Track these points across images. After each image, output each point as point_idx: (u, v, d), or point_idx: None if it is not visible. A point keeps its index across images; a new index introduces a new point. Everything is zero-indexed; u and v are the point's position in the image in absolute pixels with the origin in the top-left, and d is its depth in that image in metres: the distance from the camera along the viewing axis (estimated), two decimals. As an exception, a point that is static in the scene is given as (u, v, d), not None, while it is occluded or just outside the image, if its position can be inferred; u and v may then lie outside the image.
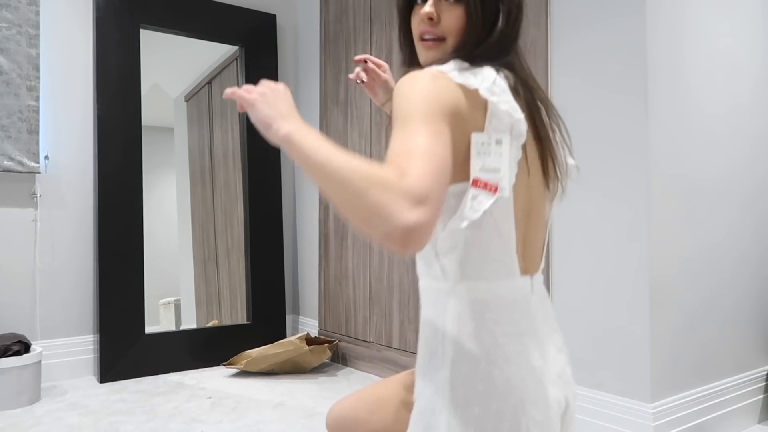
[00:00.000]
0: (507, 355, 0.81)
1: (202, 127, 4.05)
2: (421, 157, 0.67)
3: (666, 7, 2.12)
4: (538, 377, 0.82)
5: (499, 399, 0.79)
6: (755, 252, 2.53)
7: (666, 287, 2.10)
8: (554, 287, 2.32)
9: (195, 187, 4.04)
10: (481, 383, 0.80)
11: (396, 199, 0.63)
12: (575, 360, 2.24)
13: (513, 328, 0.83)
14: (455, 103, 0.78)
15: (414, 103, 0.74)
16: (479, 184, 0.78)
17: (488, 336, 0.81)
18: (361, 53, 3.33)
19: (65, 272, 3.10)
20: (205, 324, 3.93)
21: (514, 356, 0.81)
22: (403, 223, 0.62)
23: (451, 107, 0.76)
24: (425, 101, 0.74)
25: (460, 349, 0.81)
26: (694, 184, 2.24)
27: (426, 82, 0.77)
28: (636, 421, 2.04)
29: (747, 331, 2.48)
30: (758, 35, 2.54)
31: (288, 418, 2.52)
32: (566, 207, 2.28)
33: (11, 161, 2.88)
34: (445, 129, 0.73)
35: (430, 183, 0.65)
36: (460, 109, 0.78)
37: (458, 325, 0.83)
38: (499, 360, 0.81)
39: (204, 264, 4.02)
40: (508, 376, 0.80)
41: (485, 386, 0.80)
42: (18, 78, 2.91)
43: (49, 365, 2.99)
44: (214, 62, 3.82)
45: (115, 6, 3.22)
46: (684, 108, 2.19)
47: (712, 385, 2.28)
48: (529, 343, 0.84)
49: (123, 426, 2.41)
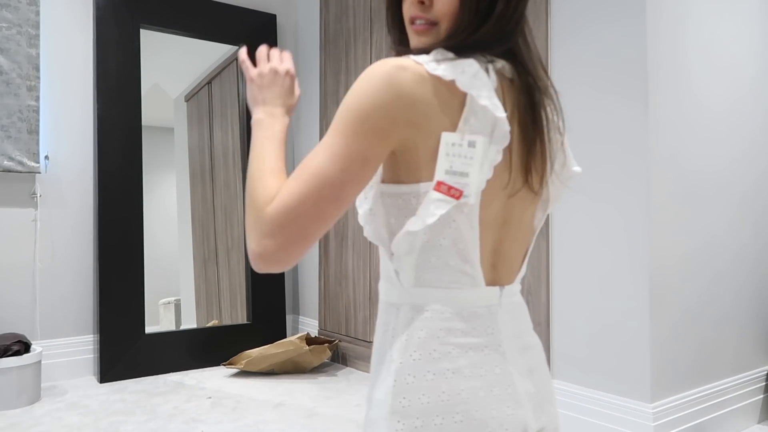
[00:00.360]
0: (458, 368, 0.76)
1: (202, 127, 4.05)
2: (300, 182, 0.70)
3: (666, 6, 2.12)
4: (495, 394, 0.77)
5: (444, 413, 0.75)
6: (754, 251, 2.53)
7: (665, 287, 2.10)
8: (554, 287, 2.32)
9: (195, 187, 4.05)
10: (426, 395, 0.76)
11: (253, 226, 0.71)
12: (575, 360, 2.24)
13: (469, 340, 0.78)
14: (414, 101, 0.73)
15: (349, 108, 0.73)
16: (442, 188, 0.73)
17: (439, 346, 0.77)
18: (361, 53, 3.33)
19: (65, 272, 3.10)
20: (205, 324, 3.93)
21: (466, 370, 0.77)
22: (252, 249, 0.71)
23: (402, 110, 0.72)
24: (361, 109, 0.72)
25: (407, 358, 0.77)
26: (694, 184, 2.24)
27: (377, 84, 0.73)
28: (636, 421, 2.04)
29: (747, 331, 2.48)
30: (756, 32, 2.54)
31: (288, 418, 2.52)
32: (566, 207, 2.28)
33: (11, 161, 2.88)
34: (367, 144, 0.71)
35: (284, 216, 0.70)
36: (423, 107, 0.73)
37: (408, 333, 0.78)
38: (448, 373, 0.76)
39: (204, 264, 4.02)
40: (456, 390, 0.75)
41: (430, 399, 0.76)
42: (18, 78, 2.91)
43: (49, 365, 2.99)
44: (214, 62, 3.82)
45: (115, 6, 3.22)
46: (684, 106, 2.19)
47: (711, 385, 2.28)
48: (488, 357, 0.78)
49: (123, 426, 2.41)
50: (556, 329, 2.31)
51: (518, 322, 0.84)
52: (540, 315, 2.36)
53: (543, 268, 2.35)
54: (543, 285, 2.34)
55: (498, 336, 0.79)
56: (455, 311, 0.78)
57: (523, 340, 0.83)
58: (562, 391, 2.27)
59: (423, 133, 0.74)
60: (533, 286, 2.38)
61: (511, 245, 0.83)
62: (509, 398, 0.77)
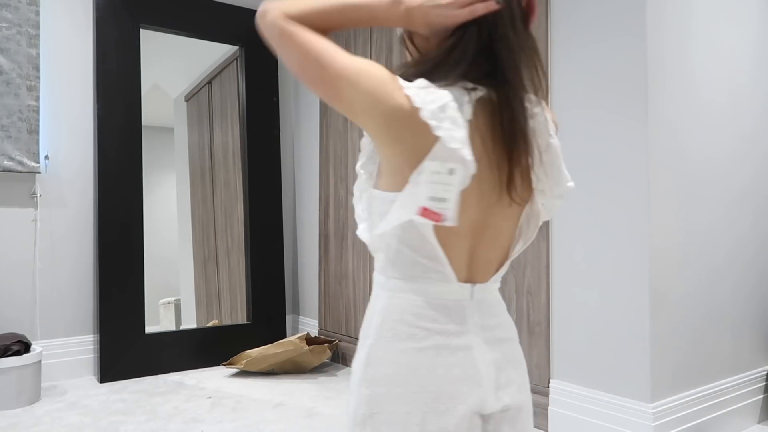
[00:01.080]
0: (422, 348, 0.87)
1: (202, 127, 4.06)
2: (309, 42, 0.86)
3: (667, 5, 2.12)
4: (454, 373, 0.86)
5: (403, 384, 0.86)
6: (754, 250, 2.53)
7: (665, 287, 2.10)
8: (554, 287, 2.32)
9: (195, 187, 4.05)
10: (390, 368, 0.87)
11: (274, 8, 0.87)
12: (575, 359, 2.24)
13: (437, 326, 0.88)
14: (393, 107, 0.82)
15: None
16: (426, 213, 0.82)
17: (408, 328, 0.88)
18: (361, 53, 3.33)
19: (65, 272, 3.10)
20: (205, 324, 3.93)
21: (430, 350, 0.87)
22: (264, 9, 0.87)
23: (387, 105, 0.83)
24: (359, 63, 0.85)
25: (380, 336, 0.89)
26: (694, 184, 2.24)
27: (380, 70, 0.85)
28: (636, 421, 2.04)
29: (747, 331, 2.48)
30: (753, 29, 2.54)
31: (288, 418, 2.52)
32: (566, 207, 2.28)
33: (11, 161, 2.88)
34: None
35: (283, 34, 0.86)
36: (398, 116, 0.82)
37: (384, 315, 0.90)
38: (413, 351, 0.87)
39: (204, 264, 4.02)
40: (417, 365, 0.86)
41: (393, 371, 0.87)
42: (18, 78, 2.91)
43: (49, 365, 2.99)
44: (214, 62, 3.82)
45: (115, 6, 3.22)
46: (683, 105, 2.19)
47: (711, 385, 2.28)
48: (453, 342, 0.88)
49: (123, 426, 2.41)
50: (556, 329, 2.31)
51: (490, 316, 0.92)
52: (540, 315, 2.36)
53: (543, 268, 2.35)
54: (543, 285, 2.35)
55: (466, 326, 0.89)
56: (425, 301, 0.88)
57: (494, 334, 0.92)
58: (562, 391, 2.27)
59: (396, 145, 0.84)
60: (533, 286, 2.38)
61: (488, 250, 0.92)
62: (468, 378, 0.87)
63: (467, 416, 0.86)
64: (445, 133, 0.81)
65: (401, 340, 0.88)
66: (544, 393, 2.34)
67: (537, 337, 2.37)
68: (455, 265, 0.89)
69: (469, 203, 0.87)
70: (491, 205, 0.89)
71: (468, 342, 0.88)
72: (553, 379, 2.32)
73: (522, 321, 2.42)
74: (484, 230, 0.90)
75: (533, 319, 2.38)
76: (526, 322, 2.41)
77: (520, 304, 2.43)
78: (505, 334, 0.94)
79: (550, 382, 2.33)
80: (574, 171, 2.24)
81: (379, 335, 0.90)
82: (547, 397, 2.33)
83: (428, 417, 0.86)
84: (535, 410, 2.36)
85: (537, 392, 2.36)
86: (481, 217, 0.89)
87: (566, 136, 2.27)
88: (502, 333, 0.94)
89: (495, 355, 0.91)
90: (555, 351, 2.32)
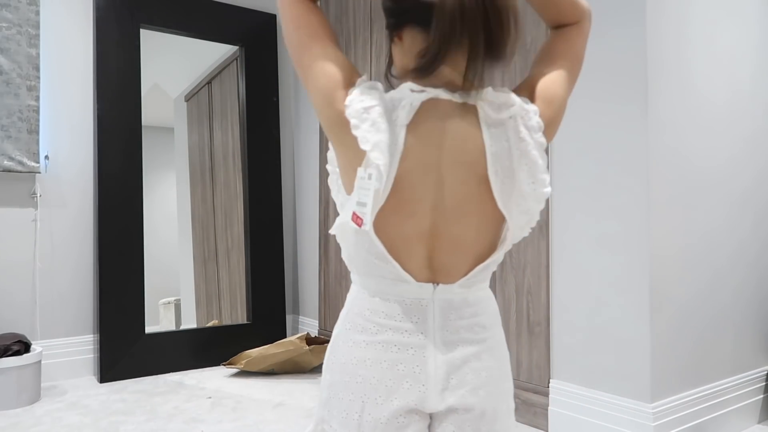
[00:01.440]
0: (372, 341, 0.90)
1: (202, 127, 4.06)
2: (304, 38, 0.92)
3: (667, 4, 2.12)
4: (398, 369, 0.89)
5: (350, 374, 0.91)
6: (755, 251, 2.53)
7: (665, 287, 2.10)
8: (554, 287, 2.32)
9: (195, 187, 4.05)
10: (343, 357, 0.93)
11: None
12: (575, 359, 2.24)
13: (390, 322, 0.90)
14: (335, 110, 0.86)
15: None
16: (354, 218, 0.85)
17: (363, 322, 0.91)
18: (361, 53, 3.33)
19: (65, 272, 3.10)
20: (205, 324, 3.93)
21: (379, 345, 0.90)
22: None
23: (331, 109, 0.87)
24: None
25: (342, 327, 0.95)
26: (694, 184, 2.24)
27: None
28: (636, 421, 2.04)
29: (746, 331, 2.48)
30: (754, 26, 2.54)
31: (288, 418, 2.52)
32: (565, 207, 2.28)
33: (11, 161, 2.88)
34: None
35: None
36: (338, 120, 0.86)
37: (348, 308, 0.95)
38: (363, 343, 0.91)
39: (204, 264, 4.02)
40: (363, 357, 0.90)
41: (344, 360, 0.92)
42: (18, 78, 2.91)
43: (49, 365, 2.99)
44: (214, 62, 3.82)
45: (115, 6, 3.22)
46: (683, 104, 2.19)
47: (711, 385, 2.28)
48: (405, 339, 0.89)
49: (123, 426, 2.41)
50: (556, 329, 2.31)
51: (457, 317, 0.91)
52: (540, 315, 2.36)
53: (543, 268, 2.35)
54: (543, 285, 2.35)
55: (423, 325, 0.90)
56: (382, 298, 0.91)
57: (459, 335, 0.91)
58: (562, 391, 2.28)
59: (343, 146, 0.88)
60: (533, 286, 2.38)
61: (448, 256, 0.90)
62: (411, 376, 0.88)
63: (403, 411, 0.88)
64: (361, 134, 0.83)
65: (357, 333, 0.92)
66: (544, 393, 2.34)
67: (537, 337, 2.37)
68: (411, 266, 0.89)
69: (405, 214, 0.87)
70: (442, 212, 0.88)
71: (420, 341, 0.89)
72: (553, 379, 2.32)
73: (522, 321, 2.42)
74: (438, 237, 0.89)
75: (533, 319, 2.38)
76: (526, 322, 2.41)
77: (520, 304, 2.43)
78: (474, 336, 0.92)
79: (550, 382, 2.33)
80: (574, 170, 2.25)
81: (342, 326, 0.95)
82: (547, 397, 2.33)
83: (366, 406, 0.89)
84: (535, 410, 2.36)
85: (537, 392, 2.36)
86: (430, 224, 0.88)
87: (566, 135, 2.27)
88: (471, 335, 0.92)
89: (452, 355, 0.90)
90: (555, 351, 2.32)
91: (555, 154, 2.32)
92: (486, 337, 0.93)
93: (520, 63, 2.43)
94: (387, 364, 0.89)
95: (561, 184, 2.29)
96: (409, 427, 0.89)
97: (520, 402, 2.41)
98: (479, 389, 0.91)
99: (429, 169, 0.86)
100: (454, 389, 0.90)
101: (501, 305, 2.49)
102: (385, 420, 0.88)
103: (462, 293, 0.92)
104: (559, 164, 2.30)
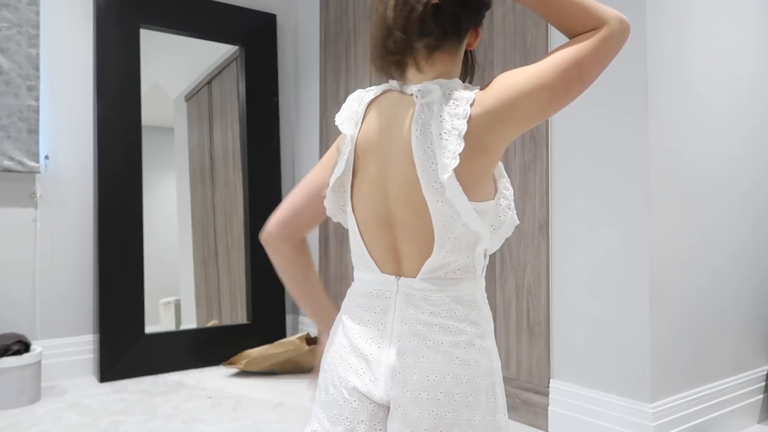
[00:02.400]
0: (345, 331, 0.98)
1: (202, 127, 4.05)
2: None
3: (666, 3, 2.12)
4: (347, 359, 0.95)
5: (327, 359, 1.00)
6: (755, 251, 2.53)
7: (665, 287, 2.10)
8: (554, 287, 2.32)
9: (195, 187, 4.04)
10: (328, 344, 1.02)
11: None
12: (575, 359, 2.24)
13: (361, 312, 0.96)
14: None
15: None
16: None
17: (347, 311, 0.99)
18: (361, 53, 3.33)
19: (65, 272, 3.10)
20: (205, 324, 3.93)
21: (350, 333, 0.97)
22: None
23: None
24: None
25: (340, 312, 1.03)
26: (694, 185, 2.24)
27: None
28: (636, 421, 2.04)
29: (747, 331, 2.48)
30: (754, 25, 2.54)
31: (288, 418, 2.52)
32: (565, 207, 2.28)
33: (11, 161, 2.88)
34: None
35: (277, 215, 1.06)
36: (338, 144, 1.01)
37: (347, 294, 1.03)
38: (340, 333, 0.99)
39: (204, 264, 4.02)
40: (337, 345, 0.98)
41: (328, 347, 1.02)
42: (18, 78, 2.91)
43: (49, 365, 2.99)
44: (214, 62, 3.82)
45: (115, 6, 3.22)
46: (683, 104, 2.19)
47: (711, 385, 2.28)
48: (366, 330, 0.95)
49: (123, 426, 2.41)
50: (556, 329, 2.31)
51: (414, 310, 0.91)
52: (540, 315, 2.36)
53: (543, 268, 2.35)
54: (543, 285, 2.34)
55: (384, 317, 0.93)
56: (359, 287, 0.98)
57: (418, 329, 0.91)
58: (562, 391, 2.27)
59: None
60: (533, 286, 2.38)
61: (408, 246, 0.92)
62: (357, 365, 0.94)
63: (356, 397, 0.93)
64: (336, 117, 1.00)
65: (338, 322, 1.01)
66: (544, 393, 2.34)
67: (537, 337, 2.37)
68: (377, 256, 0.95)
69: (366, 195, 0.95)
70: (393, 197, 0.92)
71: (381, 332, 0.93)
72: (553, 379, 2.32)
73: (522, 321, 2.42)
74: (394, 228, 0.93)
75: (533, 319, 2.38)
76: (526, 322, 2.41)
77: (520, 304, 2.43)
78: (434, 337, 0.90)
79: (550, 382, 2.33)
80: (574, 170, 2.25)
81: (340, 311, 1.03)
82: (547, 397, 2.33)
83: (329, 388, 0.98)
84: (535, 410, 2.36)
85: (537, 392, 2.36)
86: (385, 209, 0.93)
87: (566, 135, 2.27)
88: (433, 333, 0.90)
89: (405, 348, 0.90)
90: (555, 351, 2.32)
91: (555, 154, 2.32)
92: (452, 339, 0.90)
93: (520, 62, 2.43)
94: (347, 351, 0.96)
95: (561, 184, 2.29)
96: (363, 411, 0.94)
97: (520, 402, 2.41)
98: (423, 392, 0.89)
99: (379, 150, 0.94)
100: (401, 384, 0.90)
101: (501, 305, 2.49)
102: (342, 402, 0.95)
103: (424, 290, 0.91)
104: (559, 164, 2.30)
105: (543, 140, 2.35)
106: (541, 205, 2.35)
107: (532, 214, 2.39)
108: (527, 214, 2.41)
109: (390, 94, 0.97)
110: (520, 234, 2.42)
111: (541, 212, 2.35)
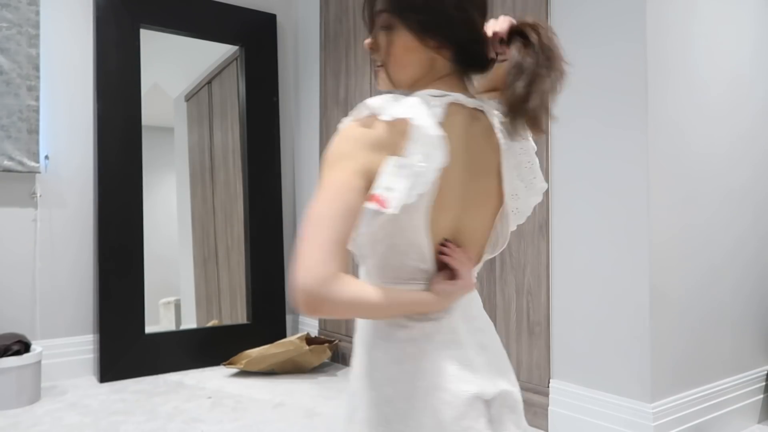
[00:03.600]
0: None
1: (202, 127, 4.06)
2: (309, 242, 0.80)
3: (667, 4, 2.12)
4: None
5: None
6: (754, 248, 2.53)
7: (665, 287, 2.10)
8: (554, 287, 2.32)
9: (195, 187, 4.05)
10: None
11: (296, 299, 0.78)
12: (575, 360, 2.24)
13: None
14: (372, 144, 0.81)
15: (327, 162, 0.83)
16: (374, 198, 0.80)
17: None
18: (361, 53, 3.33)
19: (65, 272, 3.10)
20: (205, 324, 3.93)
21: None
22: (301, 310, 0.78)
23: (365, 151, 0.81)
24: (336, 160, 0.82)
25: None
26: (694, 185, 2.24)
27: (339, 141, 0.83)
28: (636, 421, 2.04)
29: (747, 330, 2.48)
30: (752, 24, 2.54)
31: (288, 418, 2.52)
32: (565, 207, 2.28)
33: (11, 161, 2.88)
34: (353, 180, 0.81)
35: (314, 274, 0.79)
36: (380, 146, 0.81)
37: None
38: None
39: (204, 264, 4.02)
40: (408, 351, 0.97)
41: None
42: (18, 78, 2.91)
43: (49, 365, 2.99)
44: (214, 62, 3.82)
45: (115, 6, 3.22)
46: (683, 102, 2.19)
47: (711, 385, 2.28)
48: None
49: (123, 426, 2.41)
50: (556, 329, 2.31)
51: (468, 308, 0.95)
52: (540, 315, 2.36)
53: (543, 268, 2.35)
54: (543, 285, 2.34)
55: (451, 318, 0.92)
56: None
57: (473, 324, 0.95)
58: (562, 391, 2.28)
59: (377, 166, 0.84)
60: (533, 286, 2.38)
61: (466, 248, 0.94)
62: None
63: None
64: (419, 121, 0.89)
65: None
66: (544, 393, 2.34)
67: (537, 337, 2.37)
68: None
69: (443, 207, 0.88)
70: (464, 208, 0.92)
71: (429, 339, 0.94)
72: (553, 379, 2.32)
73: (522, 321, 2.42)
74: (459, 233, 0.94)
75: (533, 319, 2.38)
76: (526, 322, 2.41)
77: (520, 304, 2.43)
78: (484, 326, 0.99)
79: (550, 382, 2.33)
80: (574, 170, 2.24)
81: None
82: (547, 397, 2.33)
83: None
84: (535, 410, 2.36)
85: (537, 392, 2.36)
86: (454, 220, 0.91)
87: (565, 135, 2.27)
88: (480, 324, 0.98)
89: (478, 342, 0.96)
90: (555, 351, 2.32)
91: (555, 154, 2.32)
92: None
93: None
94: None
95: (560, 184, 2.29)
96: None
97: (520, 402, 2.41)
98: (503, 371, 0.97)
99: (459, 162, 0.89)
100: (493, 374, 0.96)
101: (501, 305, 2.49)
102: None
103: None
104: (558, 164, 2.30)
105: (543, 140, 2.35)
106: (541, 205, 2.35)
107: (532, 214, 2.39)
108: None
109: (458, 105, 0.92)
110: (520, 234, 2.42)
111: (541, 212, 2.35)
